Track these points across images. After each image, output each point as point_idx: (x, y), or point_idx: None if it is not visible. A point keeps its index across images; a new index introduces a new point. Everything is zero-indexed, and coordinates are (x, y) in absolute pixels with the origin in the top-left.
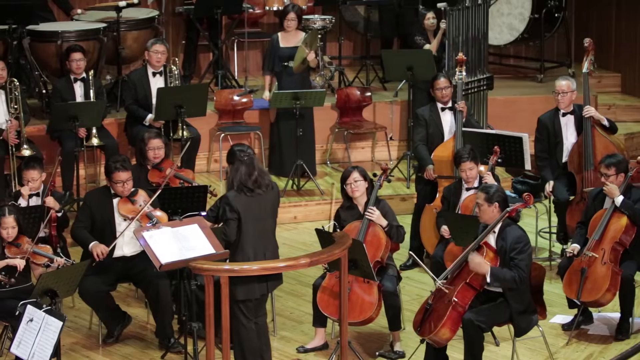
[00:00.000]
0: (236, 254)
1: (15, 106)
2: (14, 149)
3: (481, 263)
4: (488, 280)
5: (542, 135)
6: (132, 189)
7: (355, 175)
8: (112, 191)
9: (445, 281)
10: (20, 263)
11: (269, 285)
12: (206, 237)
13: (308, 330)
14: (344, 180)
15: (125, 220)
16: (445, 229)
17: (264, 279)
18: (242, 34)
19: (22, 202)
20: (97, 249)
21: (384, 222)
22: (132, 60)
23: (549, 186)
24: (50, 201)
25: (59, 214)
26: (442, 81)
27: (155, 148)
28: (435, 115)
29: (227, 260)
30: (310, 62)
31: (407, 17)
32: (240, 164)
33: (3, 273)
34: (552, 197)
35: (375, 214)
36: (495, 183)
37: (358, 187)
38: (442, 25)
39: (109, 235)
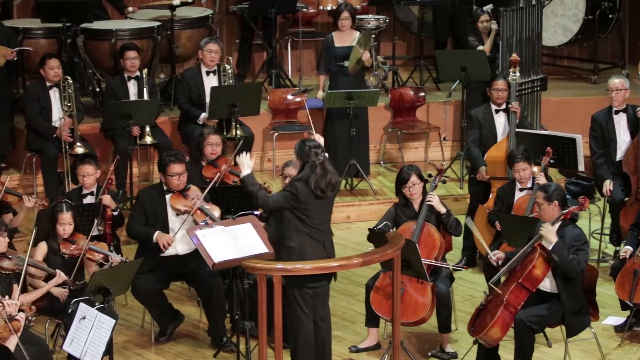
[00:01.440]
0: (289, 239)
1: (69, 104)
2: (67, 147)
3: (553, 232)
4: (550, 248)
5: (597, 132)
6: (185, 185)
7: (414, 178)
8: (165, 187)
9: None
10: (62, 295)
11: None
12: (259, 236)
13: (360, 330)
14: (403, 182)
15: (178, 215)
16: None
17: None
18: (296, 33)
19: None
20: (163, 239)
21: (443, 209)
22: (185, 59)
23: (609, 184)
24: (106, 199)
25: (115, 213)
26: (500, 83)
27: (214, 144)
28: (489, 117)
29: (285, 250)
30: (365, 62)
31: (461, 18)
32: (317, 166)
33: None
34: (607, 197)
35: (435, 200)
36: (554, 182)
37: (417, 190)
38: (494, 27)
39: (162, 232)
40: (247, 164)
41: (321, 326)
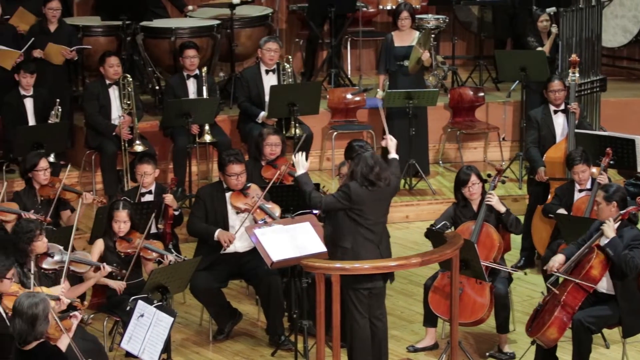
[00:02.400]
0: (344, 240)
1: (129, 102)
2: (126, 145)
3: (613, 228)
4: (605, 242)
5: None
6: (245, 184)
7: (474, 178)
8: (225, 185)
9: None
10: (119, 287)
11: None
12: (318, 235)
13: (418, 330)
14: (462, 183)
15: (238, 213)
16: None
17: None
18: (356, 32)
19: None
20: (224, 236)
21: (503, 208)
22: (245, 58)
23: None
24: (169, 199)
25: (176, 213)
26: (556, 84)
27: (273, 144)
28: (548, 118)
29: (339, 250)
30: (424, 62)
31: (520, 18)
32: (362, 158)
33: (115, 265)
34: None
35: (494, 199)
36: (616, 183)
37: (476, 190)
38: (553, 29)
39: (222, 229)
40: (302, 164)
41: (377, 326)
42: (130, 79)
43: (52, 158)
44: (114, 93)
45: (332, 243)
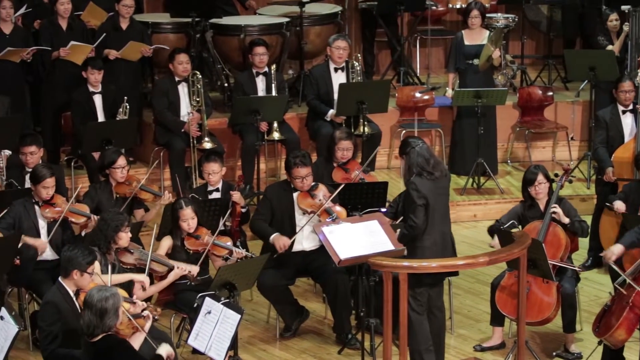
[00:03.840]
0: (424, 239)
1: (198, 99)
2: (195, 142)
3: None
4: None
5: None
6: (313, 183)
7: (540, 178)
8: (292, 185)
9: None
10: (194, 271)
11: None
12: (385, 233)
13: (485, 329)
14: (529, 183)
15: (304, 214)
16: (619, 205)
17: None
18: (425, 31)
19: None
20: (280, 241)
21: (566, 220)
22: (314, 56)
23: None
24: (236, 196)
25: (244, 210)
26: (626, 84)
27: (345, 149)
28: (616, 118)
29: (414, 245)
30: (494, 61)
31: (590, 17)
32: (416, 151)
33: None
34: None
35: (558, 211)
36: None
37: (543, 190)
38: (625, 28)
39: (288, 229)
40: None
41: (437, 316)
42: (200, 76)
43: None
44: (182, 90)
45: (410, 242)
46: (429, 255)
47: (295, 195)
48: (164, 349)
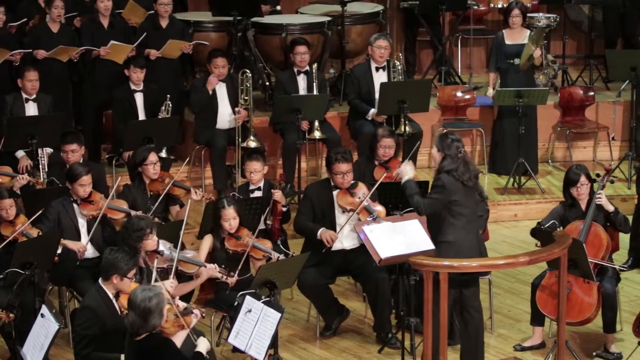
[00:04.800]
0: (450, 242)
1: (246, 97)
2: (240, 140)
3: None
4: None
5: None
6: (352, 182)
7: (583, 179)
8: (332, 183)
9: None
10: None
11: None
12: (426, 233)
13: (525, 329)
14: (572, 183)
15: (344, 212)
16: None
17: None
18: (467, 30)
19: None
20: (327, 234)
21: (611, 207)
22: (355, 55)
23: None
24: (278, 195)
25: (285, 209)
26: None
27: (387, 147)
28: None
29: (443, 245)
30: (535, 60)
31: (631, 17)
32: (459, 159)
33: (223, 266)
34: None
35: (603, 198)
36: None
37: (584, 190)
38: None
39: (328, 227)
40: (407, 171)
41: (473, 316)
42: (250, 75)
43: (163, 153)
44: (221, 90)
45: (433, 238)
46: (451, 253)
47: (335, 193)
48: (203, 346)
